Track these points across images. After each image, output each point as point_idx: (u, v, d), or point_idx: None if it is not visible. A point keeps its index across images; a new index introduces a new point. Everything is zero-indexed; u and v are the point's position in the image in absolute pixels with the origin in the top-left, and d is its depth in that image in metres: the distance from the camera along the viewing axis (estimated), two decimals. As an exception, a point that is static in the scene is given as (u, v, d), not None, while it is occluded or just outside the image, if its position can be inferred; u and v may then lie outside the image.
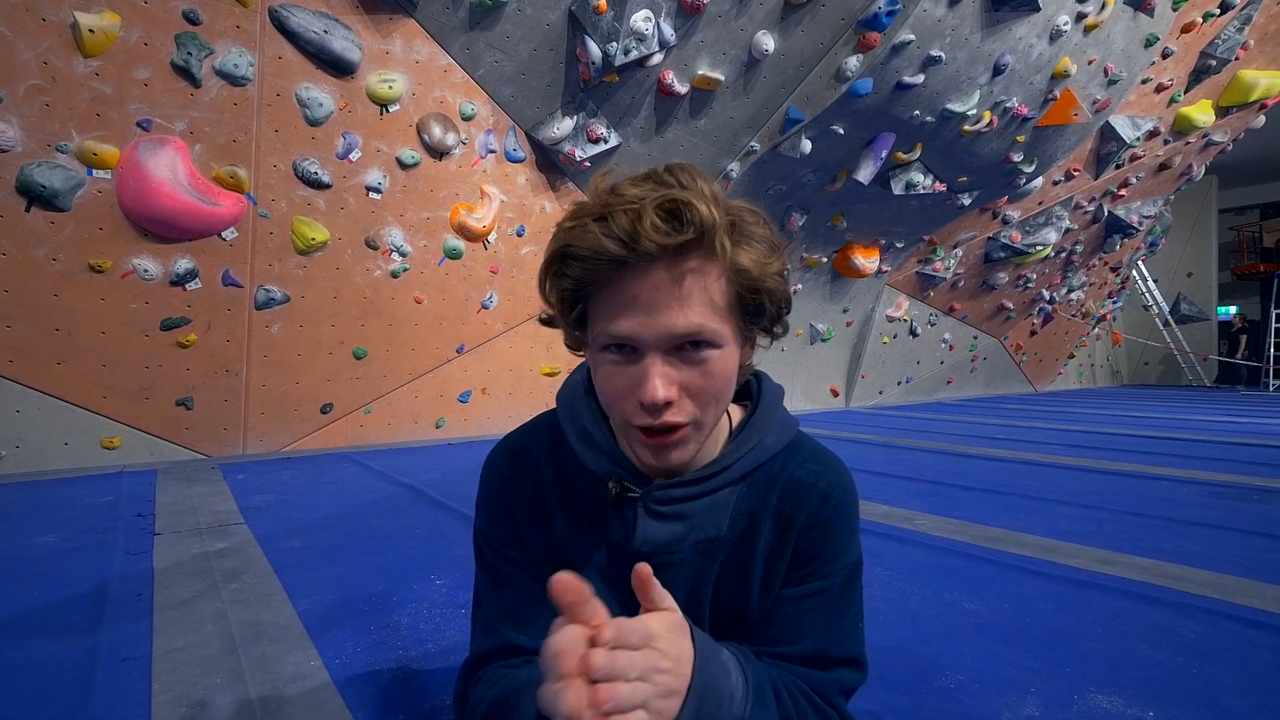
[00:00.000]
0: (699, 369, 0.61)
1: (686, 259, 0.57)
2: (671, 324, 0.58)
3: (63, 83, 3.27)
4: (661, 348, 0.59)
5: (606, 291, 0.59)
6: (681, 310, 0.58)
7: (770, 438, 0.74)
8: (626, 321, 0.58)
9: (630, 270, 0.57)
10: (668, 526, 0.71)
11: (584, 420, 0.75)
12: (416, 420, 4.79)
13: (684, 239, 0.56)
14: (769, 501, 0.72)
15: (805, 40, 4.72)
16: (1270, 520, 2.64)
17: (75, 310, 3.49)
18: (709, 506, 0.72)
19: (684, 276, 0.58)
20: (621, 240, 0.55)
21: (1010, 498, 3.05)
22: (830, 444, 3.82)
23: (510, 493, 0.76)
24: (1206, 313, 14.10)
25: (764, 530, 0.72)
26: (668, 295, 0.57)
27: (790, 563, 0.72)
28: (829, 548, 0.72)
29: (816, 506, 0.72)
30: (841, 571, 0.72)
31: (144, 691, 1.27)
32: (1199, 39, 6.35)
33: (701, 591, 0.73)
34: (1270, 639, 1.54)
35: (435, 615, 1.65)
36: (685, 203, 0.56)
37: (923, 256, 7.50)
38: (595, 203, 0.59)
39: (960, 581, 1.92)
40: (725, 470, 0.71)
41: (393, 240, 4.40)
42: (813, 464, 0.75)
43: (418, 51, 4.19)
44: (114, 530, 2.42)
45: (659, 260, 0.57)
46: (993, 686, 1.31)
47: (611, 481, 0.72)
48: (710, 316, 0.59)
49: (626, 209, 0.56)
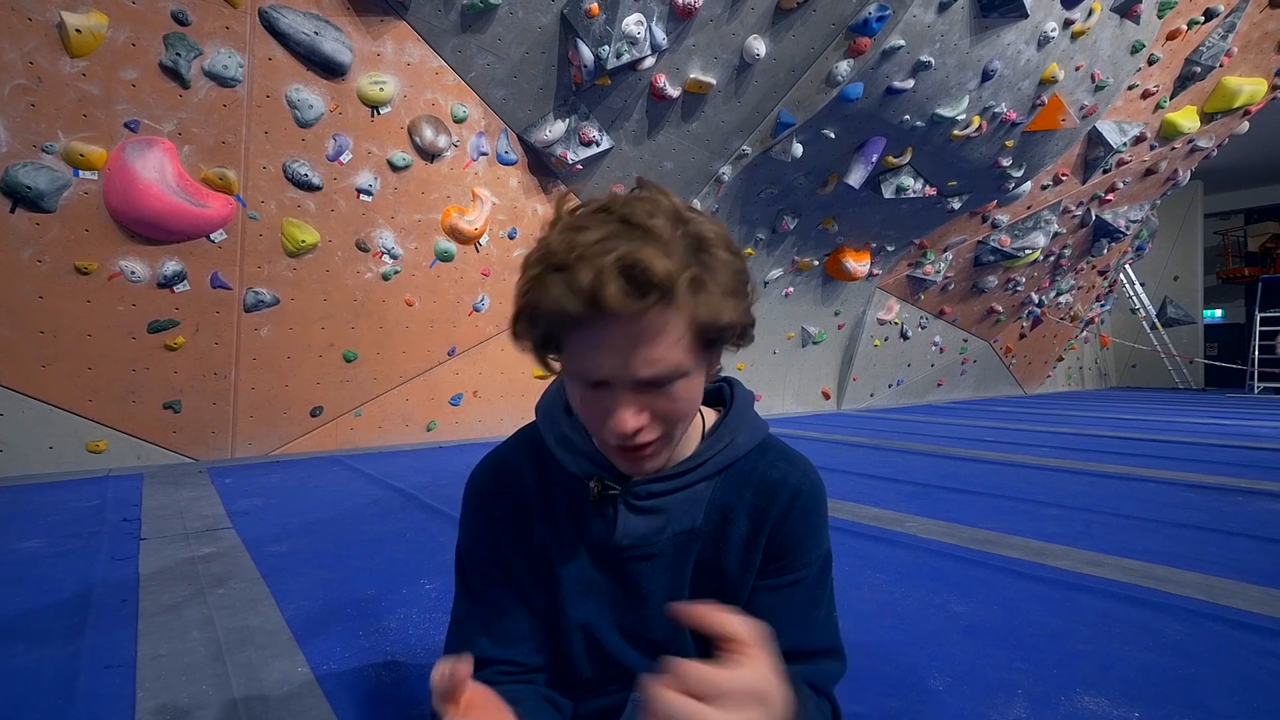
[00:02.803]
0: (666, 396, 0.63)
1: (648, 312, 0.58)
2: (637, 369, 0.60)
3: (49, 83, 3.24)
4: (630, 385, 0.61)
5: (576, 334, 0.61)
6: (647, 357, 0.59)
7: (742, 437, 0.78)
8: (596, 363, 0.60)
9: (597, 320, 0.58)
10: (646, 520, 0.75)
11: (562, 426, 0.78)
12: (407, 423, 4.77)
13: (643, 305, 0.57)
14: (743, 497, 0.77)
15: (796, 45, 4.74)
16: (1255, 522, 2.67)
17: (61, 312, 3.46)
18: (685, 500, 0.76)
19: (648, 326, 0.59)
20: (583, 299, 0.56)
21: (1000, 500, 3.07)
22: (822, 446, 3.81)
23: (490, 511, 0.79)
24: (1193, 316, 14.27)
25: (738, 523, 0.76)
26: (634, 343, 0.59)
27: (764, 556, 0.76)
28: (802, 541, 0.76)
29: (788, 502, 0.76)
30: (815, 564, 0.76)
31: (128, 699, 1.25)
32: (1184, 46, 6.43)
33: (680, 581, 0.77)
34: (1254, 639, 1.55)
35: (424, 620, 1.64)
36: (644, 267, 0.56)
37: (913, 260, 7.55)
38: (557, 246, 0.58)
39: (950, 584, 1.93)
40: (700, 466, 0.75)
41: (384, 243, 4.38)
42: (783, 463, 0.79)
43: (409, 53, 4.17)
44: (99, 535, 2.40)
45: (622, 314, 0.57)
46: (981, 688, 1.31)
47: (593, 481, 0.76)
48: (675, 355, 0.61)
49: (589, 263, 0.56)
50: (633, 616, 0.78)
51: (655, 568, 0.76)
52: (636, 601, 0.77)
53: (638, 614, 0.77)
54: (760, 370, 7.05)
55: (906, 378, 8.73)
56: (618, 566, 0.77)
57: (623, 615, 0.78)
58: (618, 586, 0.78)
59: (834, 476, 3.64)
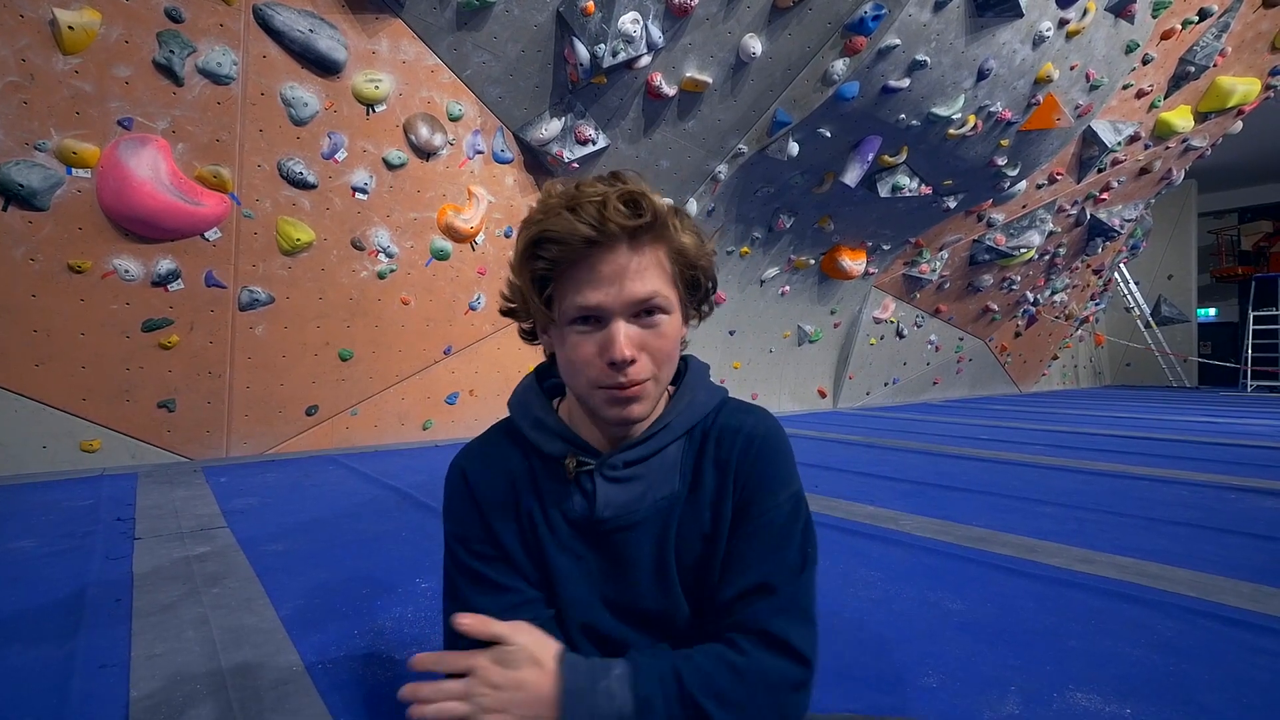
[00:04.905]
0: (654, 331, 0.72)
1: (642, 239, 0.70)
2: (634, 291, 0.69)
3: (41, 80, 3.22)
4: (625, 314, 0.70)
5: (575, 270, 0.69)
6: (640, 279, 0.70)
7: (702, 395, 0.82)
8: (595, 293, 0.69)
9: (597, 250, 0.68)
10: (625, 489, 0.78)
11: (535, 409, 0.83)
12: (403, 422, 4.76)
13: (643, 222, 0.68)
14: (707, 451, 0.80)
15: (792, 43, 4.75)
16: (1247, 519, 2.69)
17: (54, 311, 3.44)
18: (660, 466, 0.79)
19: (640, 252, 0.70)
20: (591, 224, 0.66)
21: (994, 498, 3.08)
22: (818, 445, 3.81)
23: (476, 489, 0.80)
24: (1186, 314, 14.33)
25: (706, 478, 0.79)
26: (628, 268, 0.69)
27: (734, 505, 0.78)
28: (764, 483, 0.78)
29: (744, 446, 0.79)
30: (784, 505, 0.77)
31: (122, 699, 1.25)
32: (1178, 46, 6.45)
33: (665, 547, 0.79)
34: (1246, 636, 1.56)
35: (420, 618, 1.64)
36: (641, 194, 0.69)
37: (909, 259, 7.56)
38: (561, 197, 0.70)
39: (944, 581, 1.94)
40: (666, 427, 0.79)
41: (379, 241, 4.37)
42: (740, 413, 0.83)
43: (404, 51, 4.16)
44: (93, 535, 2.39)
45: (620, 241, 0.68)
46: (974, 684, 1.32)
47: (568, 458, 0.78)
48: (663, 285, 0.71)
49: (592, 200, 0.67)
50: (622, 589, 0.79)
51: (640, 537, 0.78)
52: (624, 573, 0.78)
53: (627, 586, 0.79)
54: (756, 369, 7.06)
55: (902, 376, 8.76)
56: (602, 540, 0.78)
57: (612, 590, 0.79)
58: (605, 560, 0.79)
59: (829, 475, 3.65)
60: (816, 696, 0.74)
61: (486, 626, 0.67)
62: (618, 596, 0.79)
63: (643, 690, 0.65)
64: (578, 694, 0.64)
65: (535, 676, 0.65)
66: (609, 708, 0.64)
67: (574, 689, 0.64)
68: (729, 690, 0.67)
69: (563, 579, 0.78)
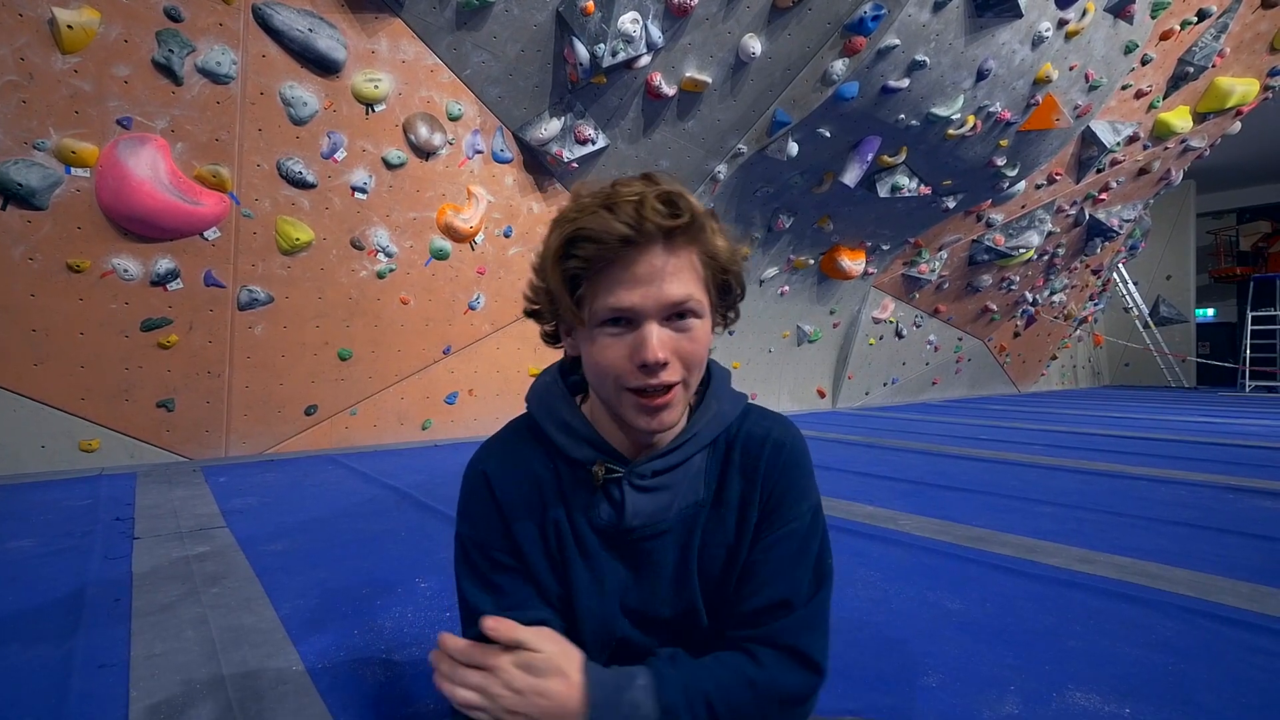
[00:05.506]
0: (687, 335, 0.70)
1: (677, 241, 0.68)
2: (670, 294, 0.68)
3: (40, 79, 3.22)
4: (658, 316, 0.69)
5: (609, 270, 0.68)
6: (676, 281, 0.68)
7: (726, 406, 0.82)
8: (629, 295, 0.67)
9: (633, 250, 0.67)
10: (653, 498, 0.78)
11: (562, 413, 0.80)
12: (402, 422, 4.76)
13: (681, 222, 0.67)
14: (733, 459, 0.81)
15: (792, 43, 4.75)
16: (1245, 519, 2.69)
17: (53, 310, 3.43)
18: (687, 475, 0.79)
19: (675, 254, 0.69)
20: (628, 223, 0.65)
21: (993, 498, 3.08)
22: (817, 445, 3.80)
23: (499, 491, 0.78)
24: (1185, 315, 14.34)
25: (733, 485, 0.80)
26: (663, 270, 0.68)
27: (760, 512, 0.79)
28: (790, 491, 0.79)
29: (772, 454, 0.80)
30: (805, 515, 0.79)
31: (121, 698, 1.25)
32: (1177, 46, 6.46)
33: (688, 554, 0.79)
34: (1244, 636, 1.57)
35: (420, 618, 1.64)
36: (679, 194, 0.68)
37: (908, 259, 7.57)
38: (597, 196, 0.69)
39: (943, 581, 1.94)
40: (693, 437, 0.79)
41: (378, 241, 4.37)
42: (765, 421, 0.83)
43: (404, 51, 4.16)
44: (92, 534, 2.38)
45: (656, 241, 0.67)
46: (973, 684, 1.32)
47: (596, 465, 0.77)
48: (696, 288, 0.70)
49: (629, 199, 0.66)
50: (642, 597, 0.79)
51: (664, 545, 0.79)
52: (646, 581, 0.79)
53: (649, 594, 0.79)
54: (756, 369, 7.06)
55: (901, 376, 8.76)
56: (627, 548, 0.78)
57: (632, 597, 0.79)
58: (627, 568, 0.79)
59: (829, 474, 3.65)
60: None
61: (512, 632, 0.67)
62: (637, 603, 0.79)
63: (666, 700, 0.67)
64: (604, 706, 0.65)
65: (560, 687, 0.65)
66: (634, 717, 0.65)
67: (600, 701, 0.65)
68: (747, 703, 0.69)
69: (583, 586, 0.78)
